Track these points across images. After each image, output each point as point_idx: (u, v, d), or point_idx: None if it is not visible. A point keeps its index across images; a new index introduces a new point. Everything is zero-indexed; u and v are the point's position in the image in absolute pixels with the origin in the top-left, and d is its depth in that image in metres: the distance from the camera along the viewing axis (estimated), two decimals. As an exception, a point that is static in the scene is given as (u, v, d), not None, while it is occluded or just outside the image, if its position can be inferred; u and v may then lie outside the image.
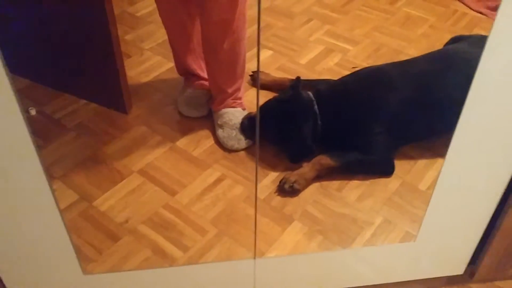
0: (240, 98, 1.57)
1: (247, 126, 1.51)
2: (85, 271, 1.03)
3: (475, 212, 1.07)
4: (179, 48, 1.61)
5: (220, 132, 1.53)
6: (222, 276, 1.13)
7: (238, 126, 1.51)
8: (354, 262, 1.16)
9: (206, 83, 1.63)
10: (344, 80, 1.57)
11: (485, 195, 1.04)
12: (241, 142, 1.50)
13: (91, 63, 1.57)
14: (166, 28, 1.57)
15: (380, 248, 1.20)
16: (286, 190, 1.38)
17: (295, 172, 1.41)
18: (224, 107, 1.55)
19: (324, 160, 1.42)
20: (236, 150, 1.51)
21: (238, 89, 1.56)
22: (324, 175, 1.43)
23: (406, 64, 1.55)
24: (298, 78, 1.53)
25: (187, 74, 1.65)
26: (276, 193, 1.41)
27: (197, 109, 1.59)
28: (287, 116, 1.47)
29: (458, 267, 1.20)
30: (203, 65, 1.62)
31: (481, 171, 1.00)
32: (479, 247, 1.16)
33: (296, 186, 1.38)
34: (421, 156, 1.51)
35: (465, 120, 0.91)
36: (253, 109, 1.60)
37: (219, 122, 1.54)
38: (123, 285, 1.10)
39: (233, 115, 1.53)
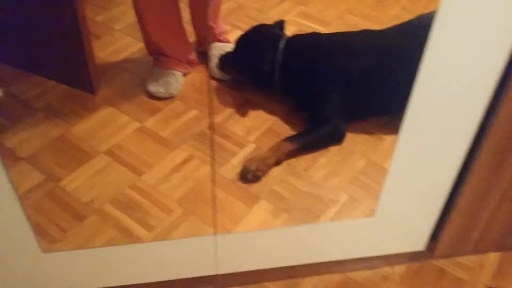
0: (223, 31, 1.75)
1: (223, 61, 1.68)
2: (44, 250, 1.03)
3: (432, 188, 1.09)
4: (148, 27, 1.60)
5: (210, 62, 1.69)
6: (184, 252, 1.14)
7: None
8: (314, 238, 1.18)
9: (175, 62, 1.62)
10: (318, 36, 1.62)
11: (441, 171, 1.06)
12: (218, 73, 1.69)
13: (58, 43, 1.55)
14: (134, 5, 1.56)
15: (339, 223, 1.21)
16: (249, 179, 1.39)
17: (256, 158, 1.43)
18: (214, 41, 1.72)
19: (284, 145, 1.45)
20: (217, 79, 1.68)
21: (221, 28, 1.74)
22: (284, 159, 1.44)
23: (374, 35, 1.56)
24: (282, 20, 1.65)
25: (156, 53, 1.65)
26: (240, 181, 1.41)
27: (165, 89, 1.59)
28: (254, 39, 1.62)
29: (419, 243, 1.22)
30: (172, 43, 1.61)
31: (437, 147, 1.01)
32: (438, 223, 1.18)
33: (258, 173, 1.39)
34: (387, 135, 1.52)
35: (418, 93, 0.92)
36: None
37: (210, 54, 1.70)
38: (82, 262, 1.11)
39: (221, 49, 1.68)
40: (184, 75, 1.66)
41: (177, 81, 1.61)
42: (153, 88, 1.59)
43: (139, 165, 1.42)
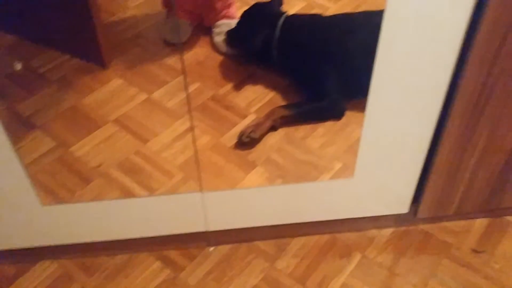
0: (233, 8, 1.81)
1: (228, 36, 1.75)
2: (43, 203, 1.12)
3: (408, 148, 1.12)
4: None
5: (217, 38, 1.75)
6: (174, 208, 1.22)
7: None
8: (300, 197, 1.23)
9: (186, 13, 1.77)
10: (315, 15, 1.68)
11: (416, 129, 1.08)
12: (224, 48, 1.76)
13: (72, 20, 1.64)
14: None
15: (321, 184, 1.26)
16: (245, 141, 1.46)
17: (251, 124, 1.50)
18: (221, 18, 1.78)
19: (278, 110, 1.52)
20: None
21: (233, 2, 1.81)
22: (279, 124, 1.50)
23: (371, 14, 1.59)
24: None
25: (170, 5, 1.78)
26: (237, 147, 1.48)
27: (179, 35, 1.72)
28: (253, 17, 1.69)
29: (402, 205, 1.26)
30: None
31: (409, 105, 1.04)
32: (419, 185, 1.22)
33: (252, 135, 1.45)
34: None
35: (385, 48, 0.95)
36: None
37: (217, 31, 1.76)
38: (78, 216, 1.20)
39: (229, 25, 1.76)
40: (191, 26, 1.79)
41: (187, 29, 1.77)
42: (168, 34, 1.73)
43: (144, 134, 1.51)
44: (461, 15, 0.91)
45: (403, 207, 1.26)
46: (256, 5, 1.72)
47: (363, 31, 1.53)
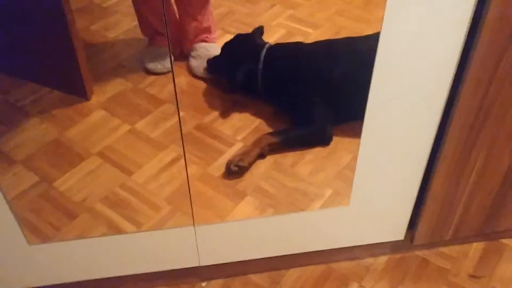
0: (212, 34, 1.76)
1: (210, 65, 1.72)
2: (30, 242, 1.07)
3: (403, 176, 1.11)
4: (142, 8, 1.67)
5: (193, 61, 1.71)
6: (166, 244, 1.18)
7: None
8: (294, 228, 1.21)
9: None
10: (300, 44, 1.68)
11: (410, 157, 1.08)
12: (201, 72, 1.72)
13: (52, 52, 1.61)
14: None
15: (316, 212, 1.24)
16: (233, 170, 1.43)
17: (239, 152, 1.48)
18: (198, 42, 1.74)
19: (265, 138, 1.50)
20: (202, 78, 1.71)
21: (210, 26, 1.75)
22: (267, 151, 1.49)
23: (355, 41, 1.60)
24: (261, 26, 1.71)
25: (151, 33, 1.72)
26: (225, 177, 1.45)
27: (162, 64, 1.67)
28: (235, 49, 1.67)
29: (398, 232, 1.25)
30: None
31: (403, 131, 1.04)
32: (415, 211, 1.21)
33: (241, 163, 1.43)
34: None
35: (379, 76, 0.95)
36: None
37: (193, 54, 1.72)
38: (66, 254, 1.15)
39: (206, 49, 1.72)
40: (173, 54, 1.73)
41: (170, 56, 1.70)
42: (150, 64, 1.68)
43: (129, 165, 1.47)
44: (455, 38, 0.91)
45: (399, 234, 1.25)
46: (238, 37, 1.71)
47: (347, 57, 1.54)
